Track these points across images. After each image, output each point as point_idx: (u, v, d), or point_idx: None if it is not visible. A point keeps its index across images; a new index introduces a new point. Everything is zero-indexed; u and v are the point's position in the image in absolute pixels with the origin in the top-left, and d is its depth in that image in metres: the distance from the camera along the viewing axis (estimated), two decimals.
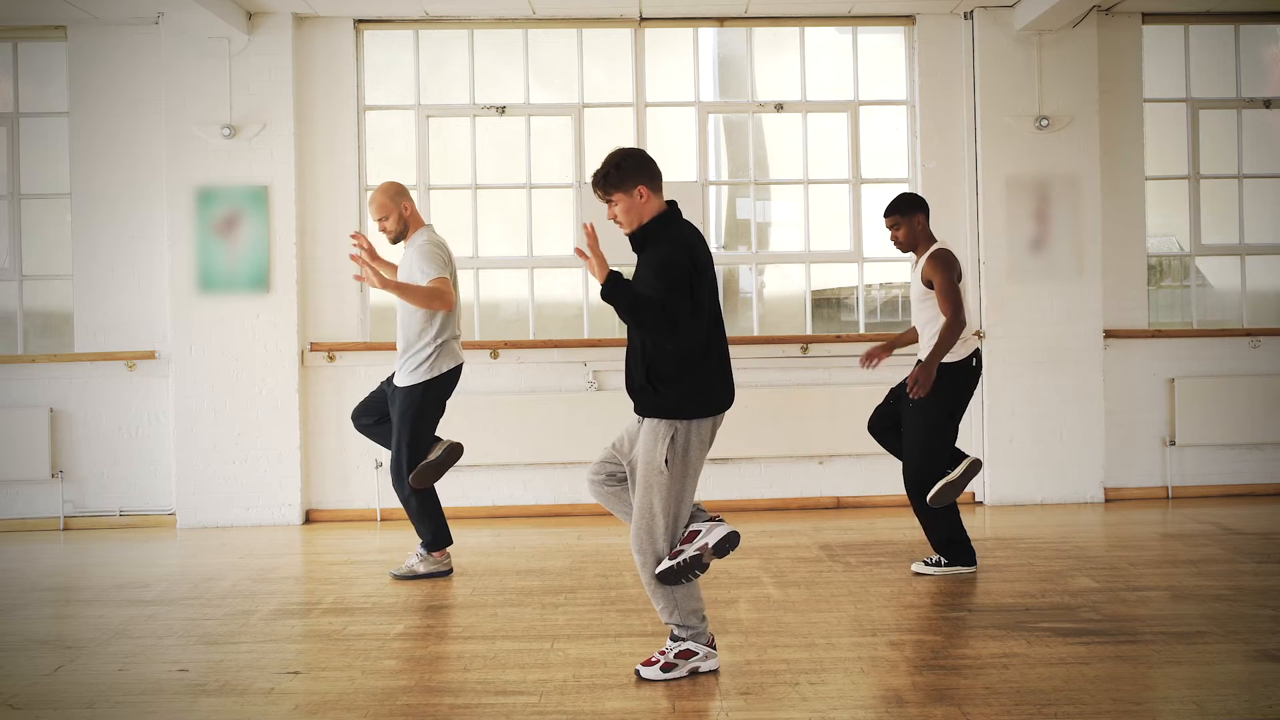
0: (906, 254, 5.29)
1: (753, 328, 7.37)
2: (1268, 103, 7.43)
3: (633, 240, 3.69)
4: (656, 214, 3.65)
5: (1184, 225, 7.47)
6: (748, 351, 7.09)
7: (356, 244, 5.26)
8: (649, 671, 3.69)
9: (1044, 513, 6.80)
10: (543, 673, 3.79)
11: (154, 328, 7.00)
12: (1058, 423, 7.05)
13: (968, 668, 3.76)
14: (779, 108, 7.35)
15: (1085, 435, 7.05)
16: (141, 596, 5.05)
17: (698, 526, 3.64)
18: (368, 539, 6.48)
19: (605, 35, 7.31)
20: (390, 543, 6.26)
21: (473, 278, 7.23)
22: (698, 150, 7.28)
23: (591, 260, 3.54)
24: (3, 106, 7.13)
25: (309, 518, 7.03)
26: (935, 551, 5.18)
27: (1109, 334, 7.13)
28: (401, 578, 5.29)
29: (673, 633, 3.74)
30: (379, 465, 6.92)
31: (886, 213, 5.17)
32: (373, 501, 7.00)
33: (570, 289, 7.37)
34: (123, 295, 7.00)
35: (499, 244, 7.38)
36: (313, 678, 3.81)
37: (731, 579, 5.13)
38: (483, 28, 7.23)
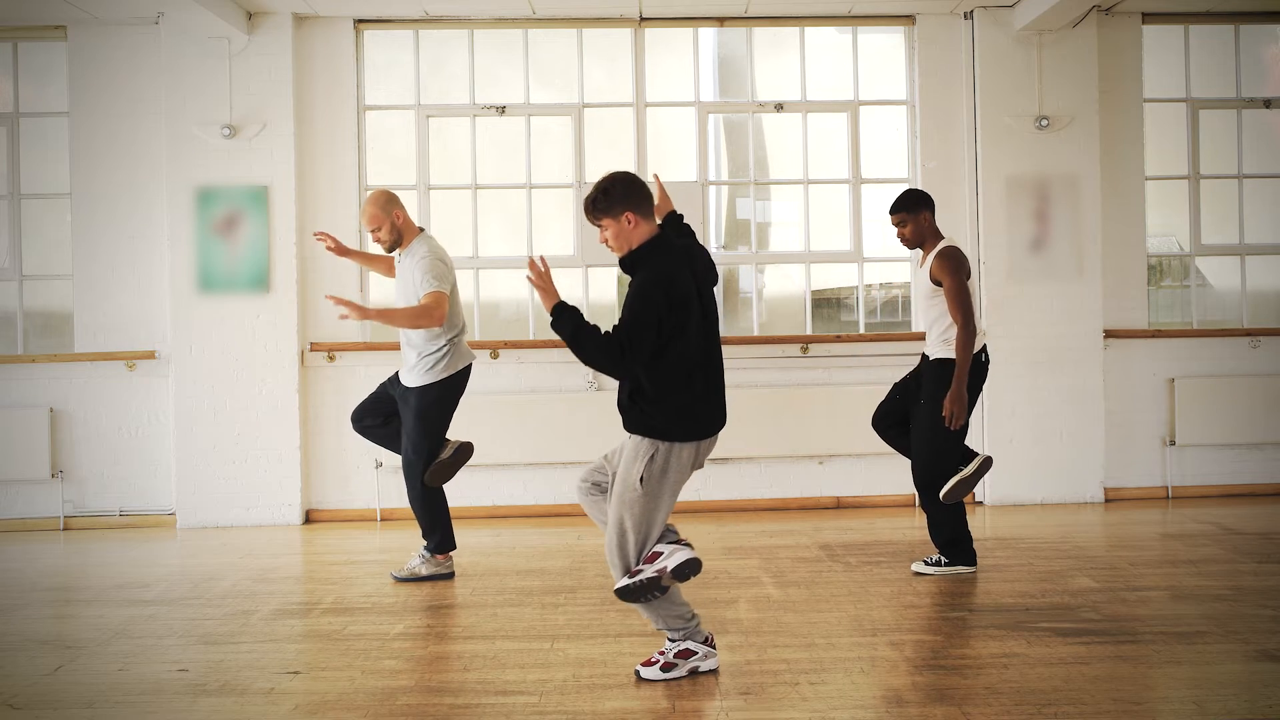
0: (914, 250, 5.26)
1: (753, 328, 7.37)
2: (1268, 103, 7.43)
3: (622, 264, 3.70)
4: (645, 239, 3.66)
5: (1184, 225, 7.47)
6: (748, 351, 7.09)
7: (321, 241, 5.38)
8: (649, 672, 3.70)
9: (1044, 513, 6.80)
10: (543, 673, 3.80)
11: (154, 328, 7.00)
12: (1058, 423, 7.05)
13: (968, 668, 3.76)
14: (779, 108, 7.35)
15: (1085, 435, 7.05)
16: (141, 596, 5.05)
17: (661, 548, 3.61)
18: (368, 539, 6.48)
19: (605, 35, 7.31)
20: (390, 543, 6.26)
21: (473, 278, 7.23)
22: (698, 150, 7.28)
23: (540, 291, 3.62)
24: (3, 106, 7.13)
25: (309, 518, 7.03)
26: (938, 551, 5.17)
27: (1109, 334, 7.13)
28: (403, 580, 5.28)
29: (668, 634, 3.74)
30: (379, 465, 6.92)
31: (892, 209, 5.11)
32: (373, 501, 7.00)
33: (570, 289, 7.36)
34: (123, 295, 7.00)
35: (499, 244, 7.38)
36: (313, 678, 3.81)
37: (731, 579, 5.13)
38: (483, 28, 7.23)
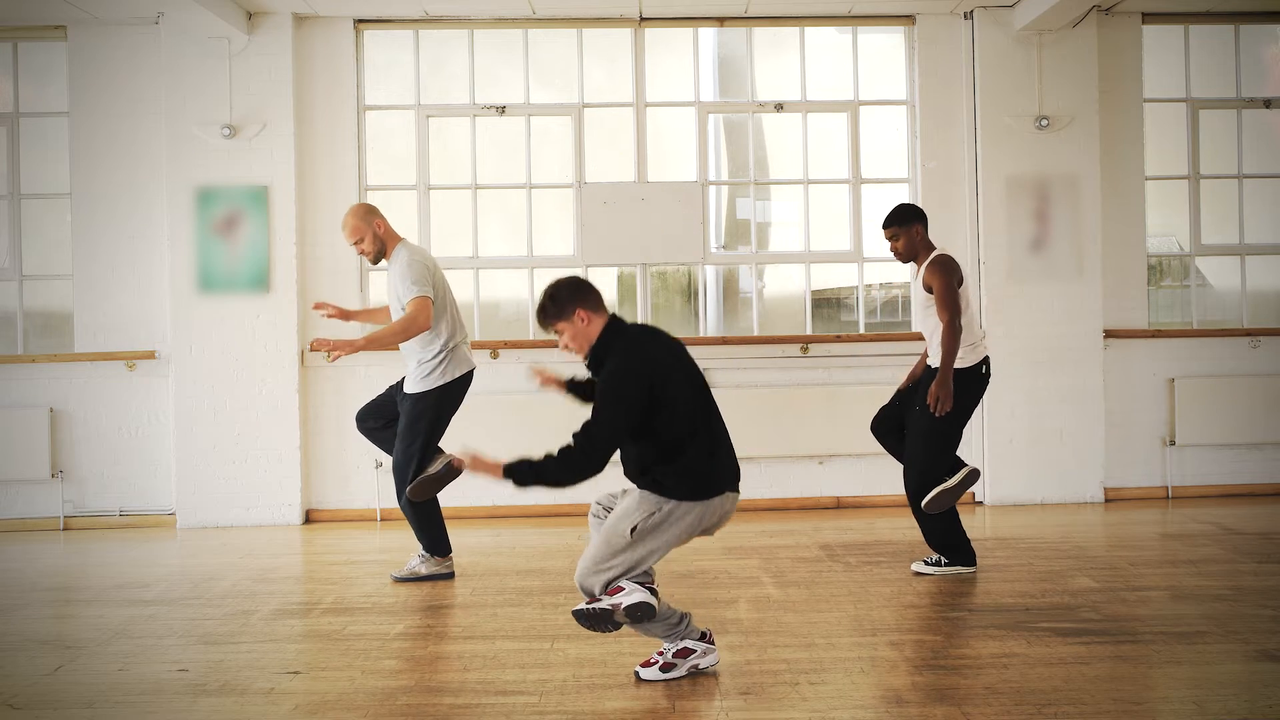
0: (908, 263, 5.28)
1: (753, 328, 7.37)
2: (1268, 103, 7.43)
3: (590, 365, 3.68)
4: (602, 330, 3.65)
5: (1184, 225, 7.47)
6: (748, 351, 7.10)
7: (322, 312, 5.29)
8: (648, 673, 3.69)
9: (1044, 513, 6.80)
10: (543, 673, 3.79)
11: (154, 328, 7.00)
12: (1058, 423, 7.05)
13: (968, 668, 3.76)
14: (779, 108, 7.35)
15: (1085, 435, 7.05)
16: (141, 596, 5.05)
17: (623, 584, 3.56)
18: (368, 539, 6.48)
19: (605, 35, 7.31)
20: (390, 543, 6.26)
21: (473, 278, 7.23)
22: (698, 150, 7.28)
23: (482, 472, 3.57)
24: (3, 106, 7.14)
25: (309, 518, 7.03)
26: (935, 551, 5.17)
27: (1109, 334, 7.13)
28: (403, 580, 5.27)
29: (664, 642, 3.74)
30: (379, 465, 6.92)
31: (885, 224, 5.16)
32: (373, 501, 7.00)
33: None
34: (123, 295, 7.00)
35: (499, 244, 7.38)
36: (313, 678, 3.81)
37: (731, 579, 5.13)
38: (483, 28, 7.23)
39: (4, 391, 6.93)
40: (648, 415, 3.54)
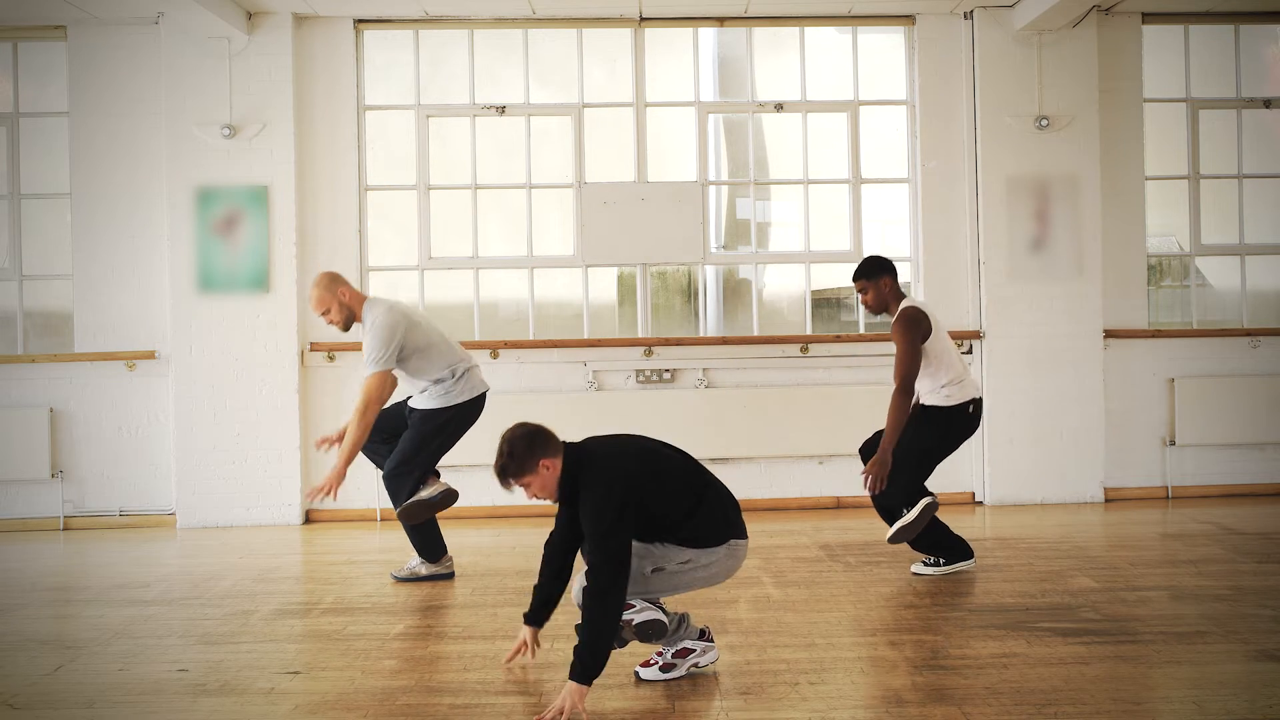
0: (879, 315, 5.28)
1: (753, 328, 7.36)
2: (1268, 103, 7.43)
3: (562, 500, 3.63)
4: (564, 466, 3.57)
5: (1184, 225, 7.46)
6: (748, 351, 7.10)
7: (322, 447, 5.19)
8: (648, 673, 3.69)
9: (1044, 513, 6.80)
10: (543, 673, 3.79)
11: (154, 328, 7.00)
12: (1057, 423, 7.05)
13: (968, 668, 3.76)
14: (779, 108, 7.35)
15: (1085, 435, 7.05)
16: (141, 596, 5.05)
17: (635, 602, 3.56)
18: (368, 539, 6.48)
19: (605, 35, 7.31)
20: (390, 543, 6.26)
21: (473, 278, 7.23)
22: (698, 150, 7.28)
23: (576, 705, 3.29)
24: (3, 106, 7.13)
25: (309, 517, 7.03)
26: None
27: (1109, 334, 7.13)
28: (403, 580, 5.27)
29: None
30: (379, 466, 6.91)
31: (854, 278, 5.15)
32: (373, 501, 6.99)
33: (570, 289, 7.37)
34: (123, 295, 7.00)
35: (499, 244, 7.38)
36: (313, 678, 3.81)
37: (731, 579, 5.12)
38: (483, 28, 7.23)
39: (4, 391, 6.93)
40: (644, 515, 3.53)
